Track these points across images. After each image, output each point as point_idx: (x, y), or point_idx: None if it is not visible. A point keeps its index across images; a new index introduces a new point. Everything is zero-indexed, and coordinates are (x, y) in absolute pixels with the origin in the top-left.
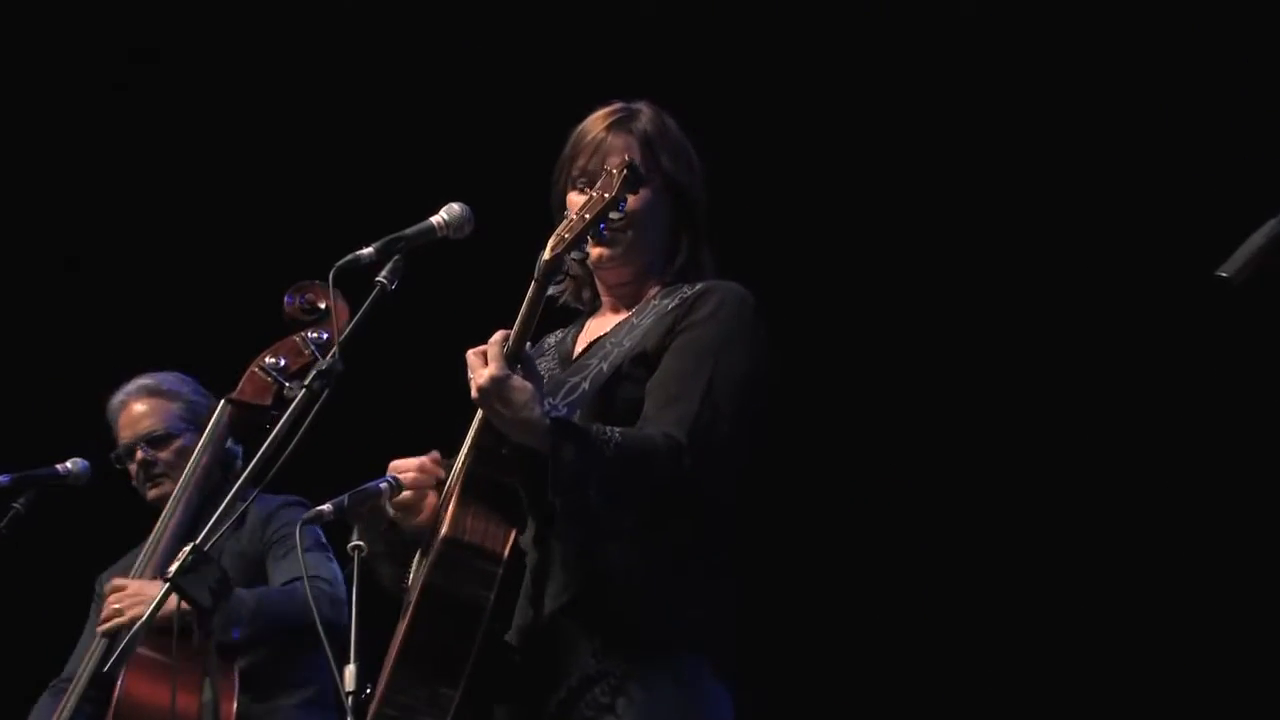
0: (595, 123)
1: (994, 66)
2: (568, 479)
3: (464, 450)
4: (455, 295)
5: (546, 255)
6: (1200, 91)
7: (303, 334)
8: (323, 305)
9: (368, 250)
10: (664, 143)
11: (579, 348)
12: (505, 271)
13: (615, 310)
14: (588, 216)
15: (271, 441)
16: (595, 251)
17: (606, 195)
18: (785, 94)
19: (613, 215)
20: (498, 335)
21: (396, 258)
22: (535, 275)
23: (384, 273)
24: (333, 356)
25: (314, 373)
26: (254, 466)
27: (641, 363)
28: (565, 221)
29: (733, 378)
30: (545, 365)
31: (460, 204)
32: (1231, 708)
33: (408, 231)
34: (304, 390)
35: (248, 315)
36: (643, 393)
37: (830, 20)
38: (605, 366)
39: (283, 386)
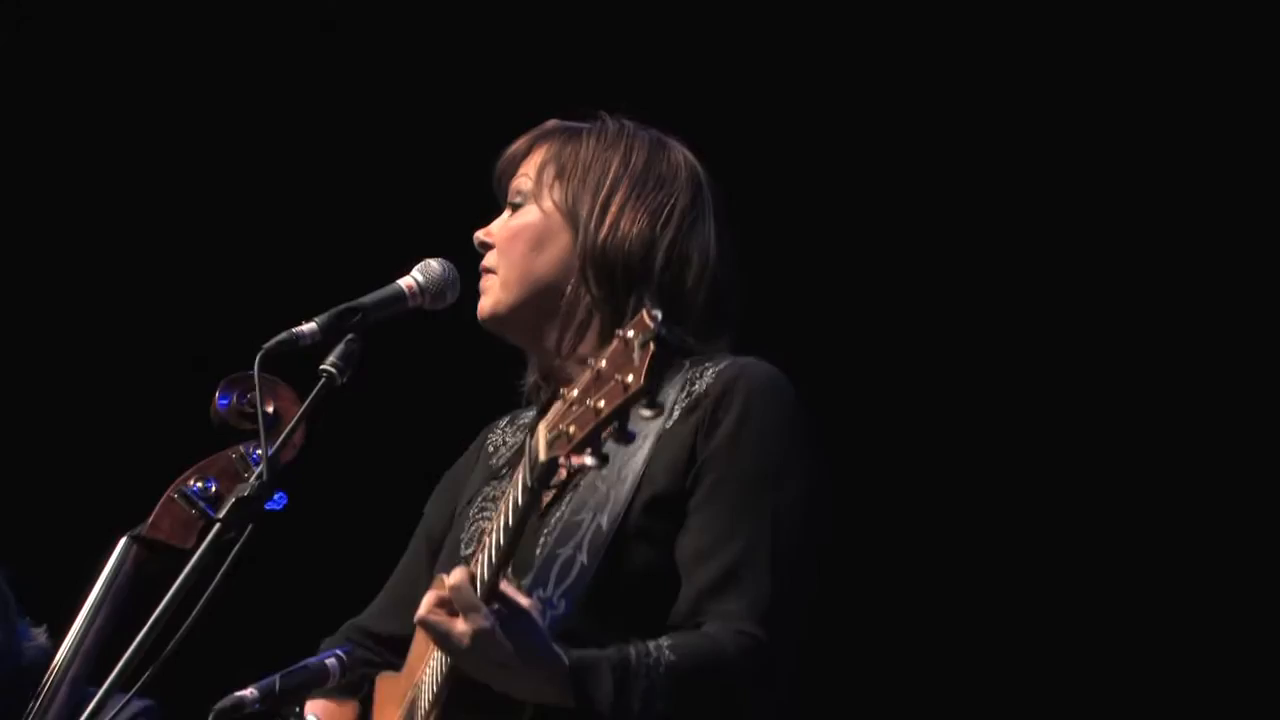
0: (520, 141)
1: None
2: None
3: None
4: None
5: (542, 455)
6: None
7: (242, 447)
8: (270, 407)
9: (309, 326)
10: (590, 167)
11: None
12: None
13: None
14: (602, 407)
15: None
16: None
17: (629, 380)
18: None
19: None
20: (458, 576)
21: (350, 338)
22: (524, 480)
23: (332, 358)
24: (259, 479)
25: (229, 505)
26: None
27: (657, 513)
28: (562, 405)
29: (798, 519)
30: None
31: (441, 261)
32: (1232, 708)
33: (366, 300)
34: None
35: (162, 419)
36: (665, 556)
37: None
38: (604, 522)
39: (210, 521)
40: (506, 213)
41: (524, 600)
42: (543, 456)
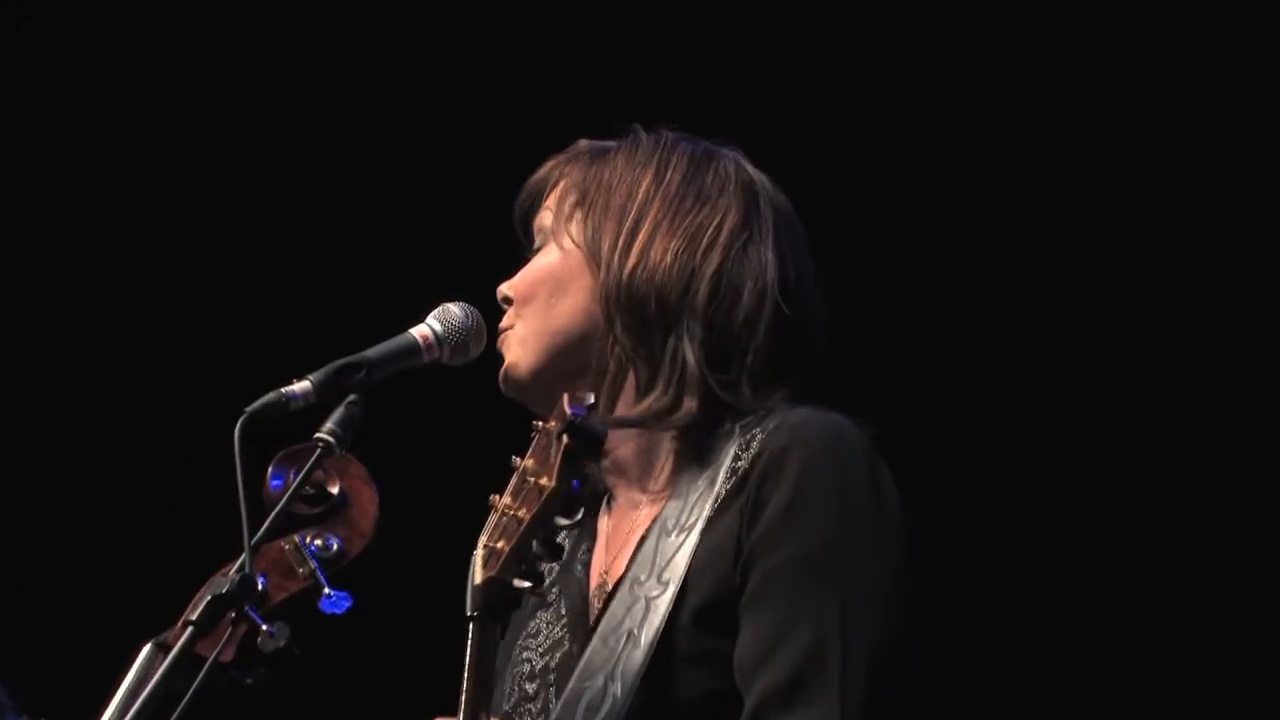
0: (543, 169)
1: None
2: None
3: None
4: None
5: (476, 577)
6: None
7: (297, 536)
8: (334, 489)
9: (302, 386)
10: (614, 190)
11: (593, 586)
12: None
13: (621, 496)
14: (523, 516)
15: None
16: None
17: (544, 482)
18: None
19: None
20: None
21: (351, 400)
22: (467, 610)
23: (329, 424)
24: (239, 570)
25: (202, 605)
26: None
27: (705, 625)
28: (494, 514)
29: (877, 601)
30: (552, 627)
31: (463, 306)
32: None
33: (371, 354)
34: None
35: (202, 502)
36: (713, 681)
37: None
38: (639, 652)
39: (257, 631)
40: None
41: None
42: (477, 580)
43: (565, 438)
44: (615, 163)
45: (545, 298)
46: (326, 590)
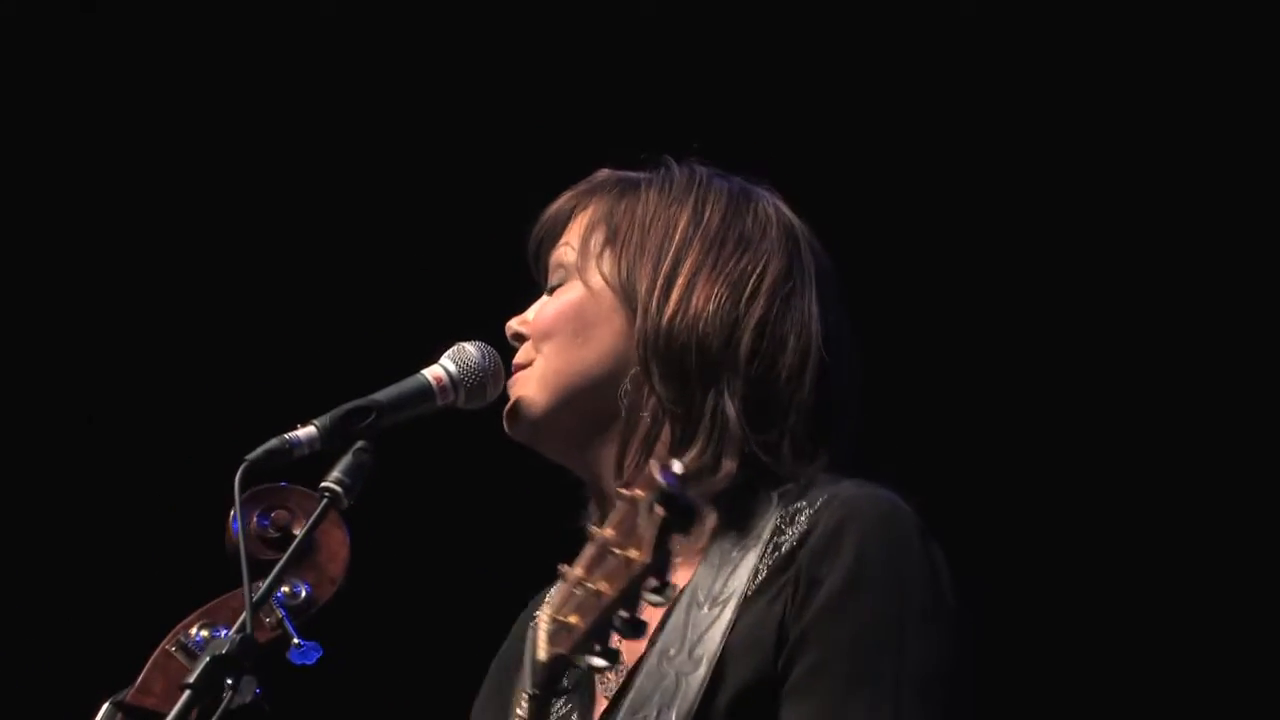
0: (559, 200)
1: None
2: None
3: None
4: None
5: (541, 654)
6: None
7: (263, 583)
8: (299, 531)
9: (307, 431)
10: (650, 227)
11: None
12: None
13: None
14: (603, 590)
15: None
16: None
17: (633, 555)
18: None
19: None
20: None
21: (359, 447)
22: (526, 688)
23: (336, 473)
24: (239, 630)
25: (200, 667)
26: None
27: (740, 707)
28: (565, 587)
29: (933, 692)
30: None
31: (480, 345)
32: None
33: (380, 397)
34: None
35: (161, 548)
36: None
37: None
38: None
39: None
40: (546, 296)
41: None
42: (542, 656)
43: (660, 508)
44: (647, 197)
45: (570, 336)
46: (295, 640)
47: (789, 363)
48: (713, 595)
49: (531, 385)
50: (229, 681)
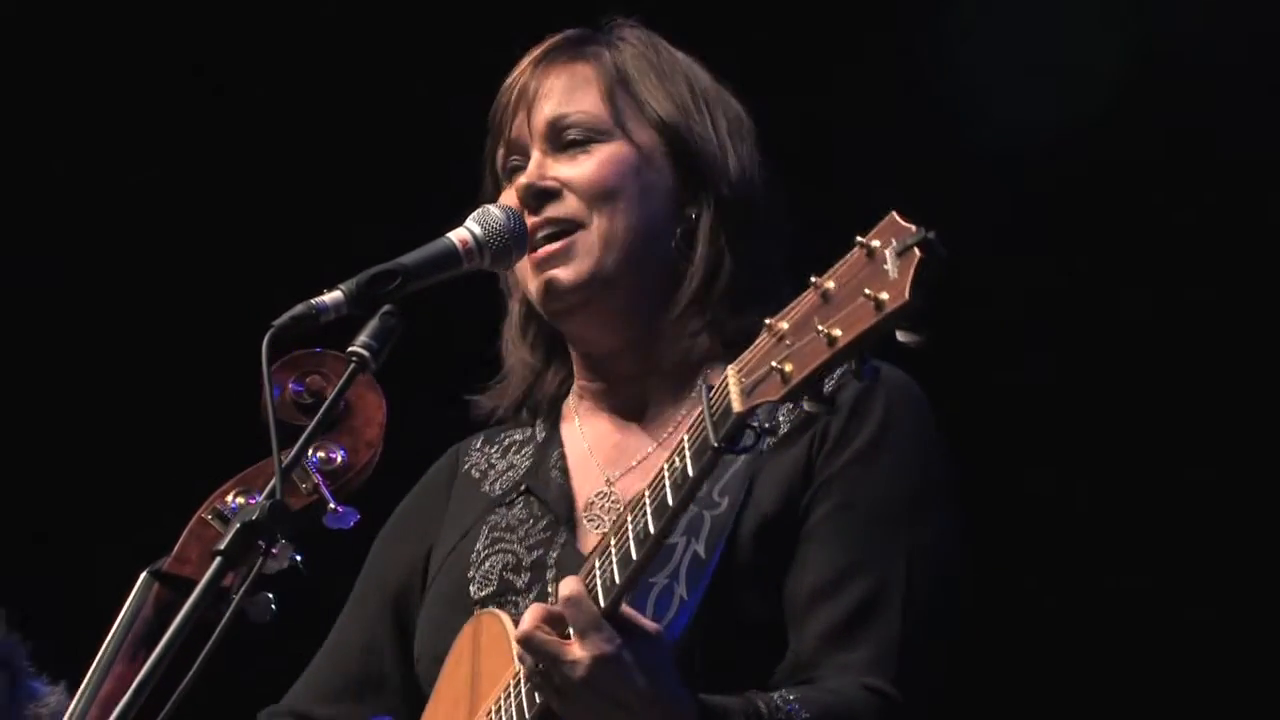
0: (527, 63)
1: None
2: None
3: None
4: None
5: (737, 405)
6: None
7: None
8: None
9: (333, 296)
10: (657, 74)
11: (585, 491)
12: None
13: (632, 407)
14: (838, 335)
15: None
16: (538, 282)
17: (885, 297)
18: None
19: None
20: (574, 586)
21: (385, 311)
22: (692, 445)
23: (363, 338)
24: (269, 497)
25: (231, 533)
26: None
27: (767, 544)
28: (768, 339)
29: (939, 558)
30: (524, 524)
31: (504, 208)
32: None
33: (406, 260)
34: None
35: (194, 418)
36: (773, 599)
37: None
38: (701, 550)
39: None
40: (548, 159)
41: (650, 625)
42: (738, 406)
43: (919, 252)
44: (642, 56)
45: (638, 193)
46: (332, 505)
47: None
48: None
49: (596, 246)
50: (261, 544)
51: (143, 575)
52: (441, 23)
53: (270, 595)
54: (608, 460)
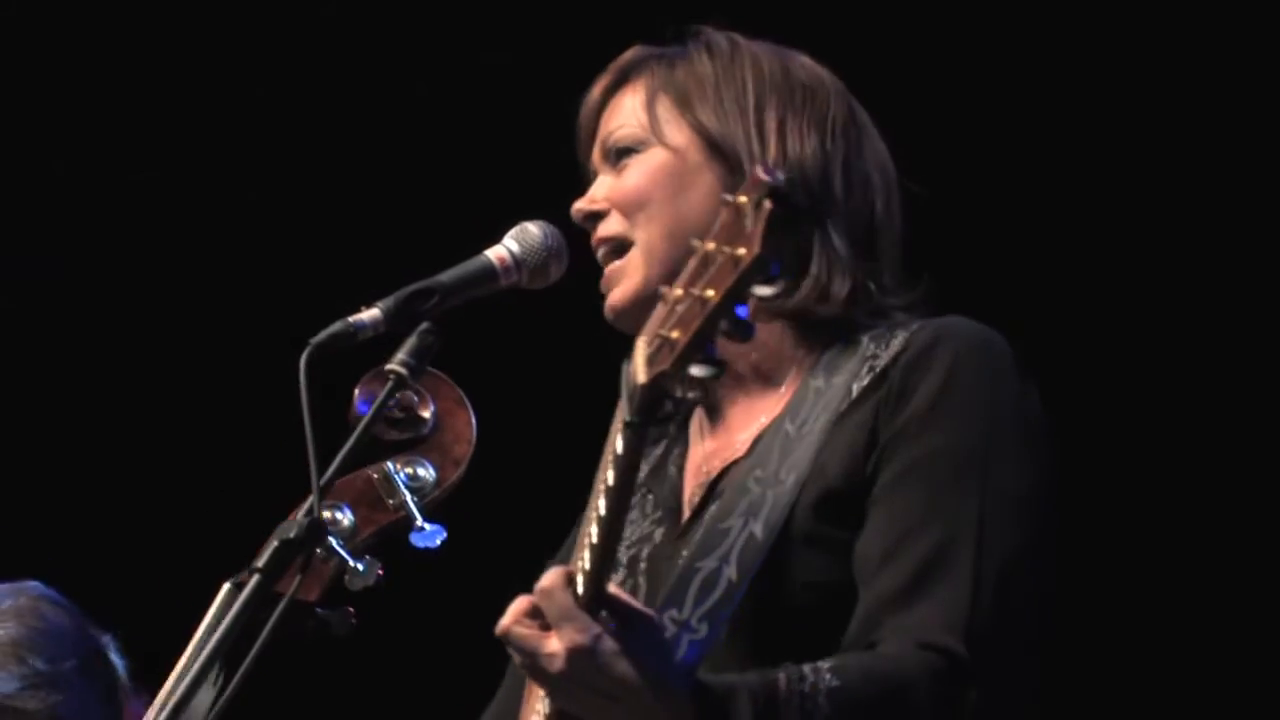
0: (598, 85)
1: None
2: None
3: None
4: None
5: (641, 376)
6: None
7: (388, 464)
8: (425, 412)
9: (371, 314)
10: (704, 75)
11: (690, 484)
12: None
13: (732, 403)
14: (709, 296)
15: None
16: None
17: (742, 252)
18: None
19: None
20: (553, 577)
21: (424, 329)
22: (624, 416)
23: (401, 355)
24: (308, 514)
25: (270, 550)
26: None
27: (829, 513)
28: (663, 307)
29: (1013, 513)
30: (638, 524)
31: (542, 224)
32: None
33: (444, 278)
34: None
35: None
36: (838, 569)
37: None
38: (759, 531)
39: (345, 566)
40: (605, 177)
41: (639, 606)
42: (642, 378)
43: (768, 203)
44: (702, 60)
45: (671, 196)
46: (419, 522)
47: (880, 197)
48: (804, 420)
49: (640, 262)
50: (300, 560)
51: (225, 587)
52: (441, 23)
53: (351, 609)
54: (704, 451)
